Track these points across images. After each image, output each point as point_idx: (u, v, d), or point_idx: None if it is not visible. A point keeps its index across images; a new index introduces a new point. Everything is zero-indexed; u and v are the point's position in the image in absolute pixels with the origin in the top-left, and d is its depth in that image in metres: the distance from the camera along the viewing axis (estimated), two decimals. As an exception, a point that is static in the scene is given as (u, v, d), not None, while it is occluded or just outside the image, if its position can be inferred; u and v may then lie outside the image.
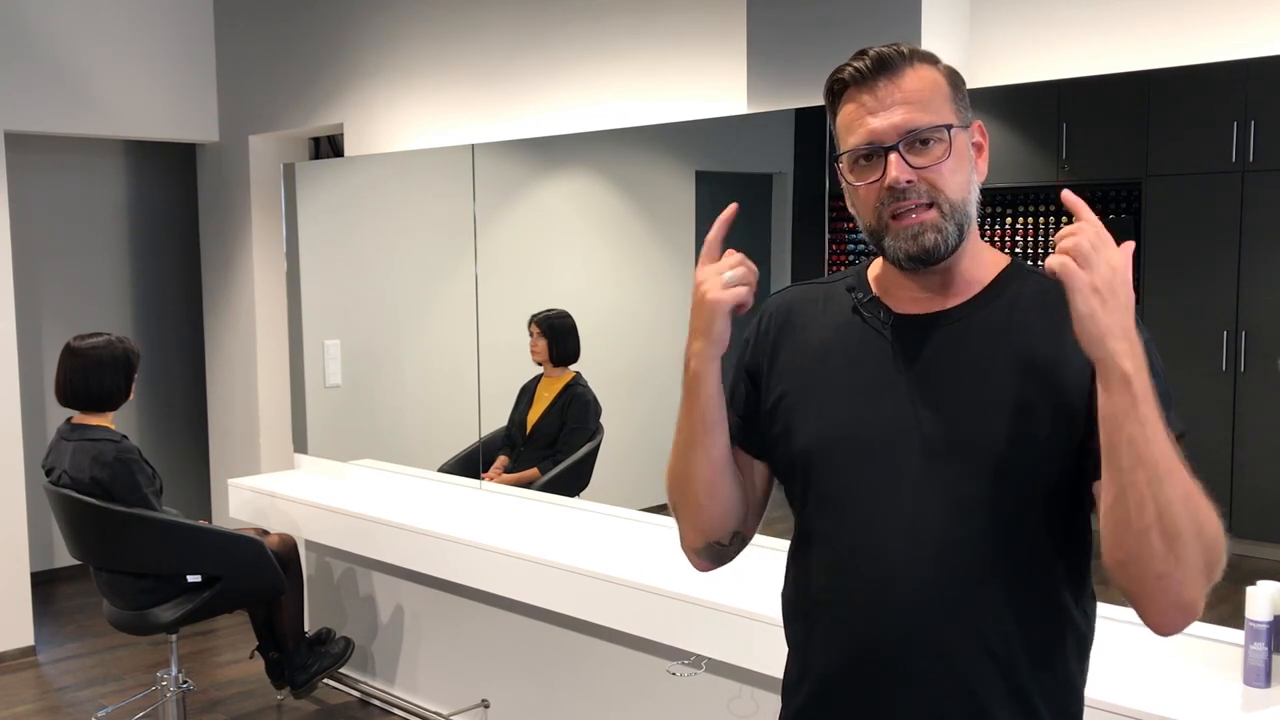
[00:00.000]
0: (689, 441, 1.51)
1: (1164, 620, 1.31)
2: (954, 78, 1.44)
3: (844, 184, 1.46)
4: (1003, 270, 1.47)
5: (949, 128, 1.39)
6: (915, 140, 1.38)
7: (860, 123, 1.40)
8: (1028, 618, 1.40)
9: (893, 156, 1.38)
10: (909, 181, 1.37)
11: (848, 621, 1.44)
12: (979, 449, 1.38)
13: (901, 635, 1.40)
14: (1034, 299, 1.44)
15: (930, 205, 1.38)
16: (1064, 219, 2.59)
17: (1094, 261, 1.25)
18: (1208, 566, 1.28)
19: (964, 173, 1.41)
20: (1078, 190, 1.31)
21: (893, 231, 1.40)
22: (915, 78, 1.40)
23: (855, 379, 1.46)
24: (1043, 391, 1.38)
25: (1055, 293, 1.43)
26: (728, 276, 1.44)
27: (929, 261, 1.40)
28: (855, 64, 1.41)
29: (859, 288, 1.52)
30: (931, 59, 1.43)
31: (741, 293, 1.44)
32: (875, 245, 1.44)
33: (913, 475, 1.40)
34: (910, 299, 1.47)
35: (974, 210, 1.43)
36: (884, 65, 1.39)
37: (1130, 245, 1.31)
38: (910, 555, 1.39)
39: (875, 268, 1.53)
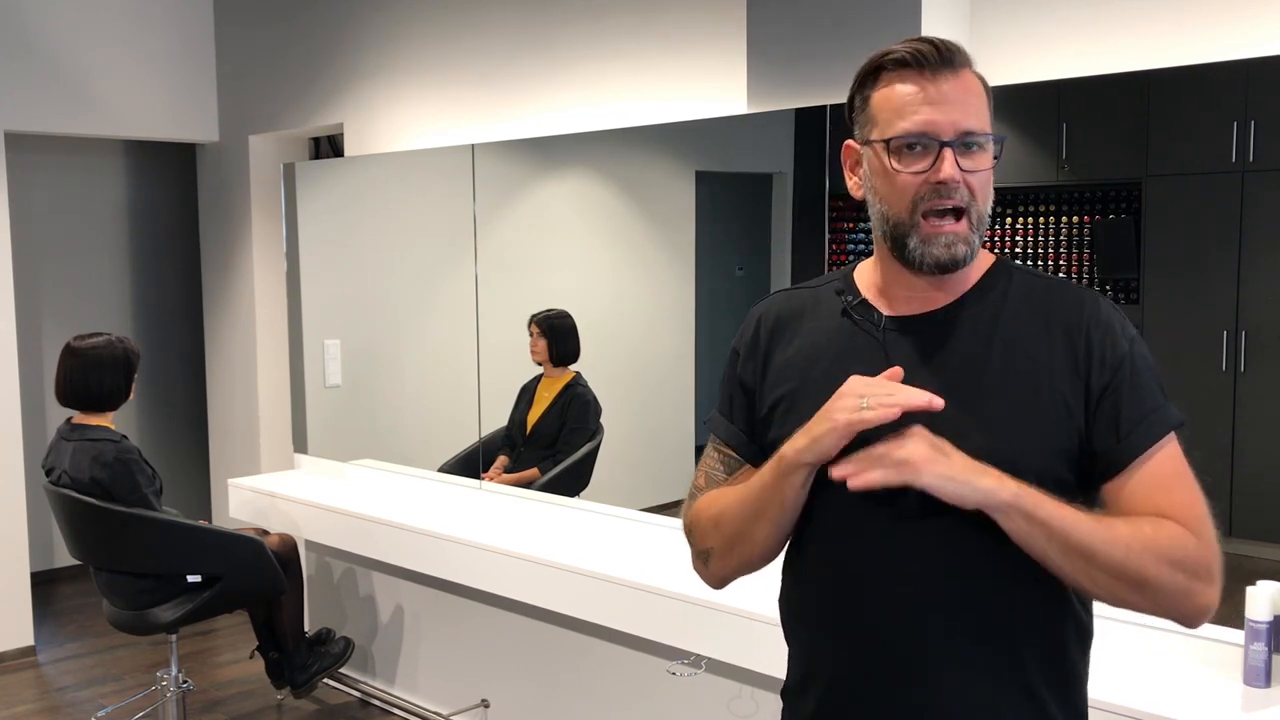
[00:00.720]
0: (759, 514, 1.47)
1: (1183, 624, 1.37)
2: (987, 87, 1.45)
3: (872, 165, 1.43)
4: (990, 268, 1.48)
5: (1000, 140, 1.40)
6: (968, 144, 1.38)
7: (916, 109, 1.37)
8: (1032, 613, 1.40)
9: (948, 152, 1.36)
10: (957, 182, 1.37)
11: (854, 624, 1.44)
12: (976, 446, 1.37)
13: (909, 636, 1.40)
14: (1022, 296, 1.45)
15: (962, 214, 1.38)
16: (1064, 219, 2.59)
17: (905, 452, 1.30)
18: (1196, 576, 1.33)
19: (991, 185, 1.43)
20: (1078, 190, 1.32)
21: (924, 234, 1.39)
22: (973, 80, 1.41)
23: None
24: (1035, 386, 1.39)
25: (1043, 288, 1.46)
26: (866, 413, 1.32)
27: (951, 270, 1.41)
28: (916, 46, 1.39)
29: (847, 291, 1.52)
30: (972, 62, 1.43)
31: (869, 419, 1.32)
32: (894, 237, 1.41)
33: (913, 475, 1.40)
34: (903, 299, 1.47)
35: (988, 222, 1.44)
36: (949, 57, 1.38)
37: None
38: (913, 556, 1.39)
39: (863, 269, 1.53)
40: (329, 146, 5.28)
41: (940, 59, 1.38)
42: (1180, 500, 1.36)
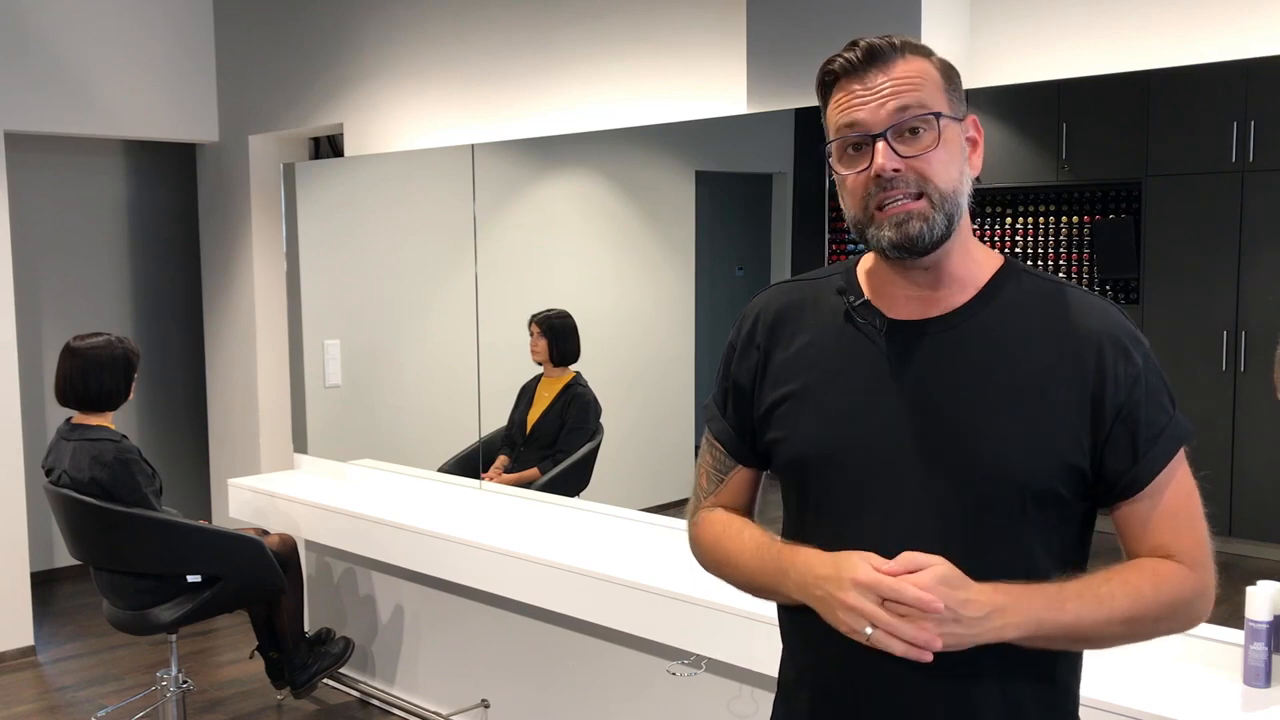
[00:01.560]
0: (761, 593, 1.52)
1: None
2: (947, 69, 1.42)
3: (834, 175, 1.44)
4: (998, 271, 1.45)
5: (938, 116, 1.37)
6: (904, 129, 1.36)
7: (849, 111, 1.38)
8: None
9: (880, 145, 1.35)
10: (896, 170, 1.35)
11: None
12: (977, 457, 1.37)
13: None
14: (1031, 303, 1.42)
15: (919, 195, 1.36)
16: (1064, 219, 2.59)
17: (952, 612, 1.28)
18: (1192, 606, 1.39)
19: (955, 164, 1.39)
20: (1078, 190, 1.31)
21: (877, 221, 1.37)
22: (906, 67, 1.38)
23: (851, 385, 1.44)
24: (1040, 400, 1.37)
25: (1052, 295, 1.43)
26: (868, 637, 1.32)
27: (914, 251, 1.37)
28: (845, 54, 1.40)
29: (850, 289, 1.48)
30: (924, 51, 1.41)
31: (867, 642, 1.33)
32: (860, 236, 1.41)
33: (910, 482, 1.39)
34: (904, 299, 1.44)
35: (965, 203, 1.40)
36: (874, 55, 1.38)
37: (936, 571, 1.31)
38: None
39: (865, 265, 1.50)
40: (329, 146, 5.28)
41: (867, 59, 1.38)
42: (1189, 537, 1.40)
